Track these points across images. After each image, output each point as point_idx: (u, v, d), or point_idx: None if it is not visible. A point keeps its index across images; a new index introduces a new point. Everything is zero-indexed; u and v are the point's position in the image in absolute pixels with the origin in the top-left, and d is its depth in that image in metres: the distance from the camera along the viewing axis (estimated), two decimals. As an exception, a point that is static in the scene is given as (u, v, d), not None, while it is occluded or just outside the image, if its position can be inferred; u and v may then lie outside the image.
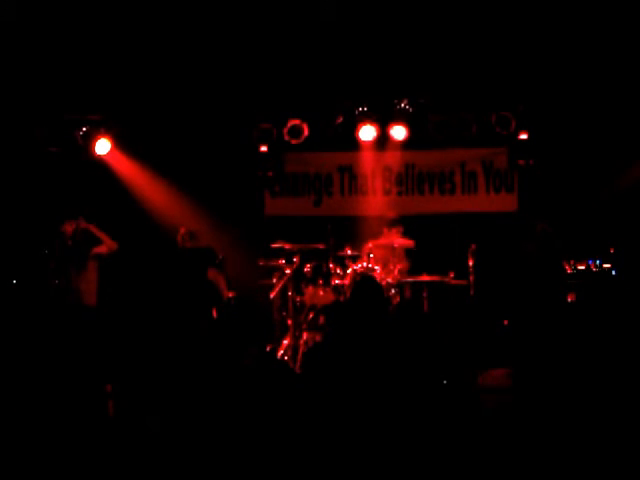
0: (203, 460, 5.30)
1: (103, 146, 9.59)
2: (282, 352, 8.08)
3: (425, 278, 8.54)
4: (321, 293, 8.35)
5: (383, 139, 9.73)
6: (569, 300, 7.99)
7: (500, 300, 8.74)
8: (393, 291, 8.37)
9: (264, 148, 9.89)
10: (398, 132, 9.58)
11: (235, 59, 9.09)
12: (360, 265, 8.35)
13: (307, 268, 8.52)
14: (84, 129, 9.55)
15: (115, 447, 5.71)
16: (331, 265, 8.45)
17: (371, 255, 8.49)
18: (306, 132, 9.63)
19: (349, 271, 8.36)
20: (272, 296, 8.43)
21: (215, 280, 8.26)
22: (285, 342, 8.21)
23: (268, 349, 8.17)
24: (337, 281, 8.37)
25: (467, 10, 8.47)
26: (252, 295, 8.79)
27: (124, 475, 5.27)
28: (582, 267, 8.26)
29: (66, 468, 5.29)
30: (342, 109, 9.61)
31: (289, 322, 8.31)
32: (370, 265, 8.34)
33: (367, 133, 9.59)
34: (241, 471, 5.15)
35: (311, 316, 8.23)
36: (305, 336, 8.13)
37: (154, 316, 7.91)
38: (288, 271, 8.43)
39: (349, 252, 8.60)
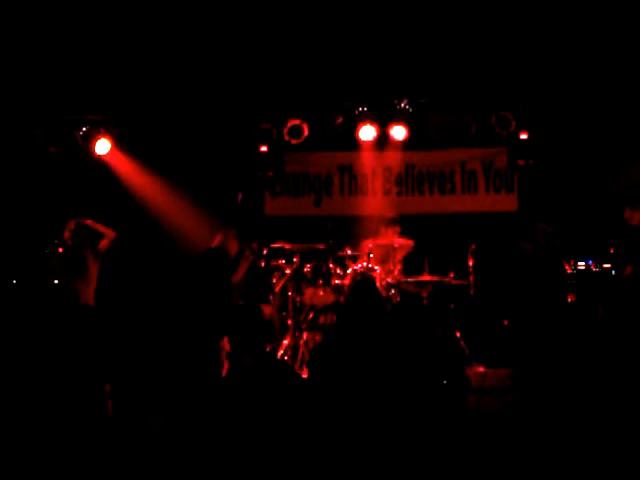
0: (203, 460, 5.29)
1: (103, 146, 9.57)
2: (282, 352, 8.08)
3: (425, 278, 8.54)
4: (321, 293, 8.35)
5: (383, 139, 9.71)
6: (569, 300, 7.98)
7: (500, 300, 8.73)
8: (393, 291, 8.37)
9: (264, 148, 9.88)
10: (398, 132, 9.56)
11: (235, 59, 9.08)
12: (360, 265, 8.35)
13: (307, 268, 8.52)
14: (84, 129, 9.53)
15: (114, 447, 5.71)
16: (331, 265, 8.45)
17: (371, 255, 8.49)
18: (306, 132, 9.62)
19: (349, 271, 8.36)
20: (272, 296, 8.43)
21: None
22: (285, 342, 8.21)
23: (268, 349, 8.17)
24: (337, 281, 8.36)
25: (467, 10, 8.46)
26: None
27: (124, 475, 5.27)
28: (582, 267, 8.25)
29: (66, 468, 5.29)
30: (342, 109, 9.60)
31: (289, 322, 8.31)
32: (370, 265, 8.34)
33: (367, 133, 9.57)
34: (242, 471, 5.15)
35: (311, 316, 8.23)
36: (305, 336, 8.14)
37: (154, 315, 7.91)
38: (288, 271, 8.43)
39: (349, 252, 8.60)
